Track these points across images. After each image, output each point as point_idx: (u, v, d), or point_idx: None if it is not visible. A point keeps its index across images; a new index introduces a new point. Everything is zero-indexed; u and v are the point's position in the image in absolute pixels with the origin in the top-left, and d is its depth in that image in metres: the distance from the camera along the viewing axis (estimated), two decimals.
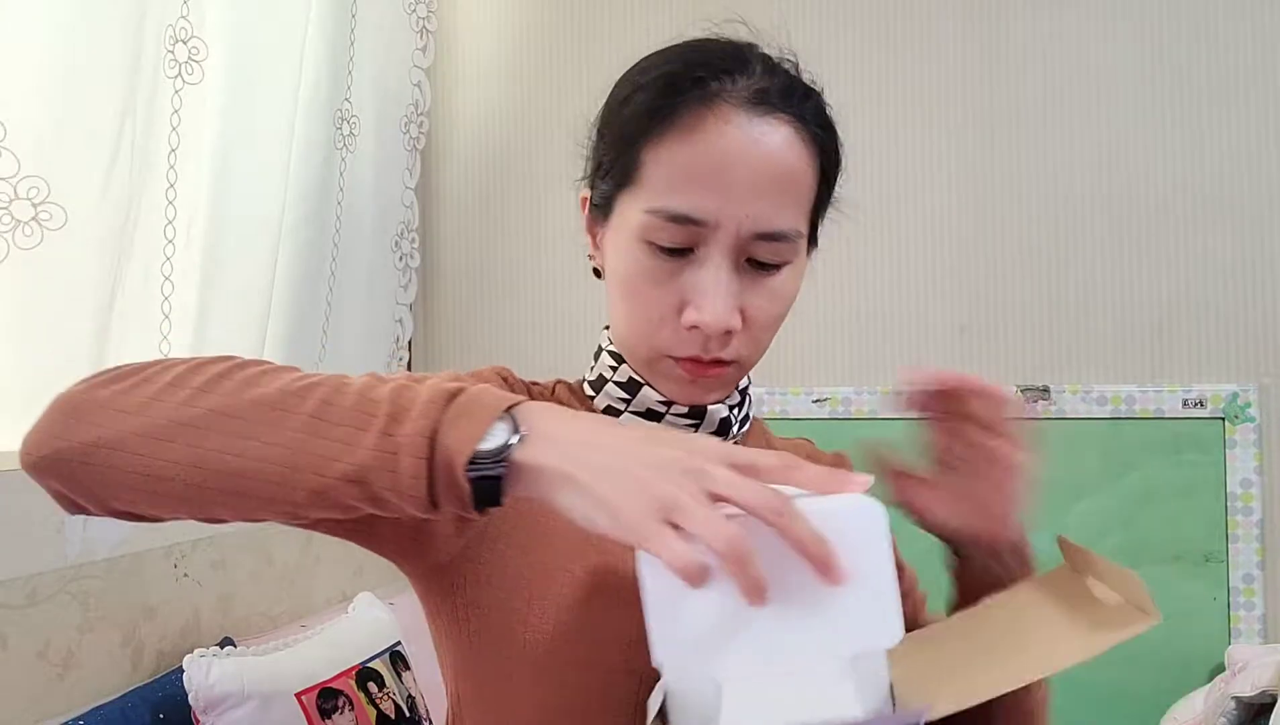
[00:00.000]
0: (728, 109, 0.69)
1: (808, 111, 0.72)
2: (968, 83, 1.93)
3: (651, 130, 0.70)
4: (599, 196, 0.76)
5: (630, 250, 0.71)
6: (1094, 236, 1.88)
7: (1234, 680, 1.56)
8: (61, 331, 1.20)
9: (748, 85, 0.70)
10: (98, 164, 1.22)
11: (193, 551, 1.35)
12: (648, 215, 0.69)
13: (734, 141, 0.68)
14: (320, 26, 1.68)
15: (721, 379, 0.74)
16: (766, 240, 0.70)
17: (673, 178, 0.69)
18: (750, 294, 0.71)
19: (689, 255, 0.70)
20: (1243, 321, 1.81)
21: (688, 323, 0.70)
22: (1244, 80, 1.82)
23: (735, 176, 0.68)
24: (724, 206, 0.68)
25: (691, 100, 0.69)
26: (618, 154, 0.72)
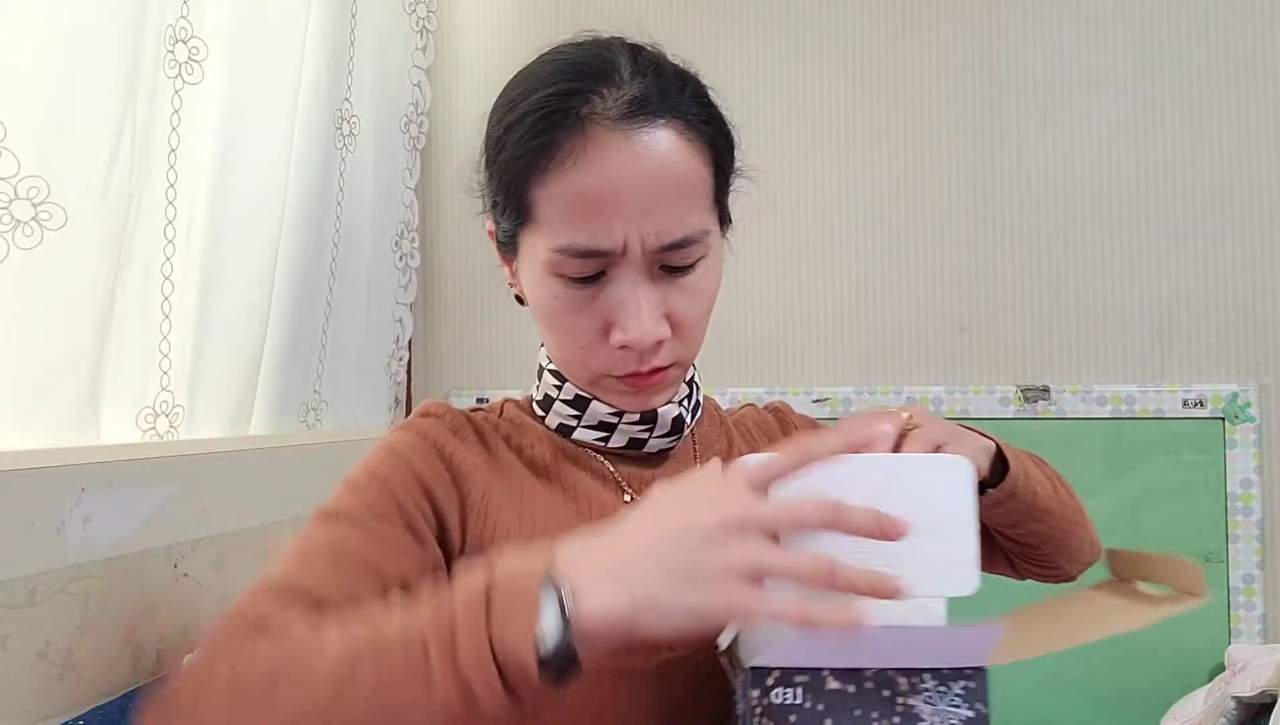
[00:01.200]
0: (603, 132, 0.67)
1: (685, 105, 0.71)
2: (967, 82, 1.93)
3: (534, 168, 0.69)
4: (502, 233, 0.76)
5: (544, 284, 0.71)
6: (1094, 236, 1.88)
7: (1234, 680, 1.56)
8: (61, 331, 1.20)
9: (619, 97, 0.68)
10: (98, 164, 1.22)
11: (193, 551, 1.35)
12: (553, 253, 0.69)
13: (617, 164, 0.67)
14: (320, 26, 1.68)
15: (665, 382, 0.74)
16: (674, 249, 0.69)
17: (566, 214, 0.68)
18: (672, 298, 0.71)
19: (602, 278, 0.70)
20: (1243, 321, 1.81)
21: (616, 343, 0.70)
22: (1244, 80, 1.81)
23: (626, 199, 0.67)
24: (624, 229, 0.67)
25: (567, 130, 0.67)
26: (509, 193, 0.72)
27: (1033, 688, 1.82)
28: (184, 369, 1.41)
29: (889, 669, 0.56)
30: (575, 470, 0.78)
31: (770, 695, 0.56)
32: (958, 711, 0.56)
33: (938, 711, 0.56)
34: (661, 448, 0.80)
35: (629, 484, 0.78)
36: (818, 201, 1.97)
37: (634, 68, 0.71)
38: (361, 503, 0.70)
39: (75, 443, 1.22)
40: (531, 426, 0.81)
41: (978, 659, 0.57)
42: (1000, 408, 1.89)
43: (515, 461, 0.78)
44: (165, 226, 1.38)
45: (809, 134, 1.99)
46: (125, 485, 1.22)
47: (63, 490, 1.13)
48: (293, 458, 1.61)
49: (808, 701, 0.56)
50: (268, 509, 1.52)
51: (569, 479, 0.78)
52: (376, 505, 0.70)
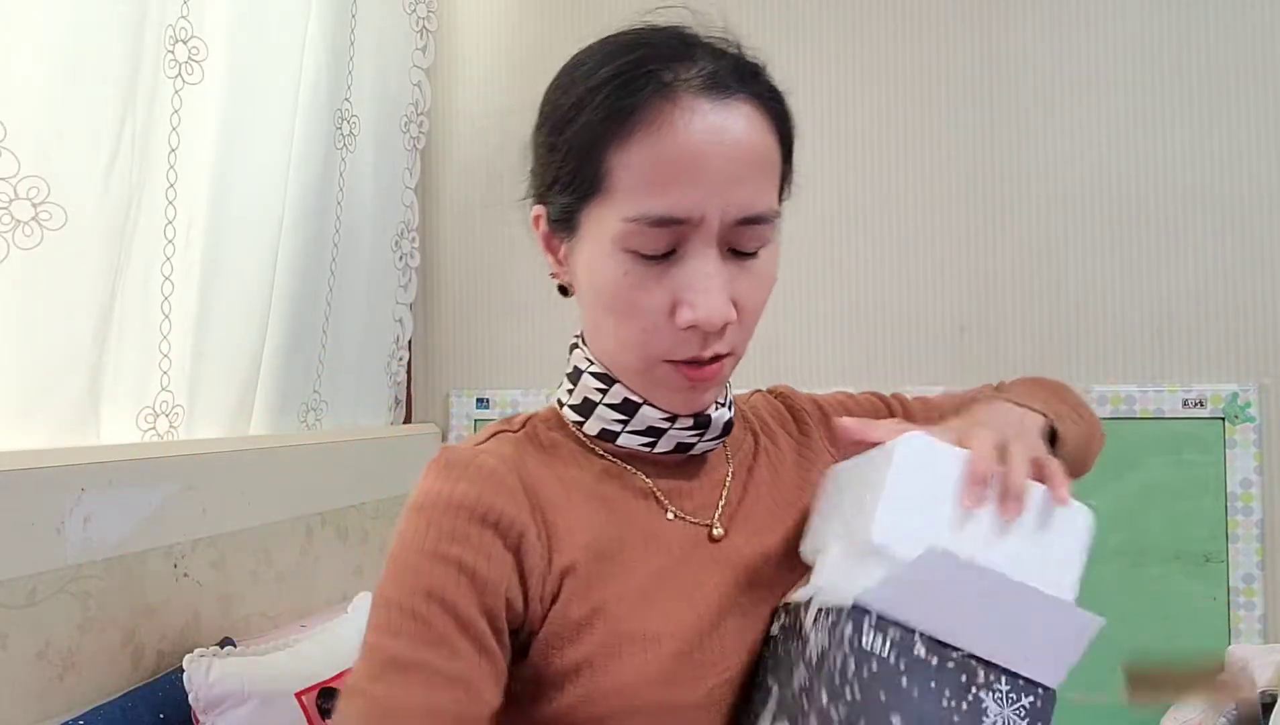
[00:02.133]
0: (688, 98, 0.66)
1: (762, 88, 0.71)
2: (968, 83, 1.93)
3: (614, 134, 0.67)
4: (558, 211, 0.73)
5: (611, 261, 0.68)
6: (1094, 236, 1.88)
7: None
8: (61, 331, 1.20)
9: (699, 71, 0.67)
10: (98, 164, 1.22)
11: (193, 551, 1.35)
12: (627, 223, 0.66)
13: (702, 131, 0.66)
14: (320, 26, 1.68)
15: (719, 376, 0.72)
16: (749, 225, 0.68)
17: (647, 180, 0.66)
18: (738, 282, 0.69)
19: (672, 256, 0.67)
20: (1243, 321, 1.81)
21: (684, 323, 0.67)
22: (1244, 80, 1.81)
23: (711, 166, 0.66)
24: (705, 199, 0.66)
25: (650, 96, 0.66)
26: (578, 164, 0.69)
27: None
28: (184, 369, 1.42)
29: (976, 656, 0.58)
30: (616, 488, 0.75)
31: (862, 636, 0.57)
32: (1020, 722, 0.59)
33: (1003, 715, 0.58)
34: (705, 450, 0.77)
35: (670, 499, 0.75)
36: (818, 202, 1.97)
37: (709, 47, 0.71)
38: (426, 640, 0.64)
39: (75, 443, 1.22)
40: (566, 446, 0.77)
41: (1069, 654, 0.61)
42: None
43: (559, 488, 0.74)
44: (165, 226, 1.38)
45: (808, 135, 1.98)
46: (125, 485, 1.22)
47: (63, 490, 1.13)
48: (292, 458, 1.61)
49: (893, 656, 0.57)
50: (268, 509, 1.52)
51: (611, 498, 0.74)
52: (446, 638, 0.64)
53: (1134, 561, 1.82)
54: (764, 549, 0.74)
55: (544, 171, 0.74)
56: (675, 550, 0.73)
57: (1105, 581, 1.83)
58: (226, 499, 1.42)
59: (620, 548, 0.72)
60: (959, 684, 0.57)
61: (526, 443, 0.76)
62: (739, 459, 0.80)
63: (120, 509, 1.21)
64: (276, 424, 1.65)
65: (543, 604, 0.69)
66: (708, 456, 0.79)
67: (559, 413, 0.79)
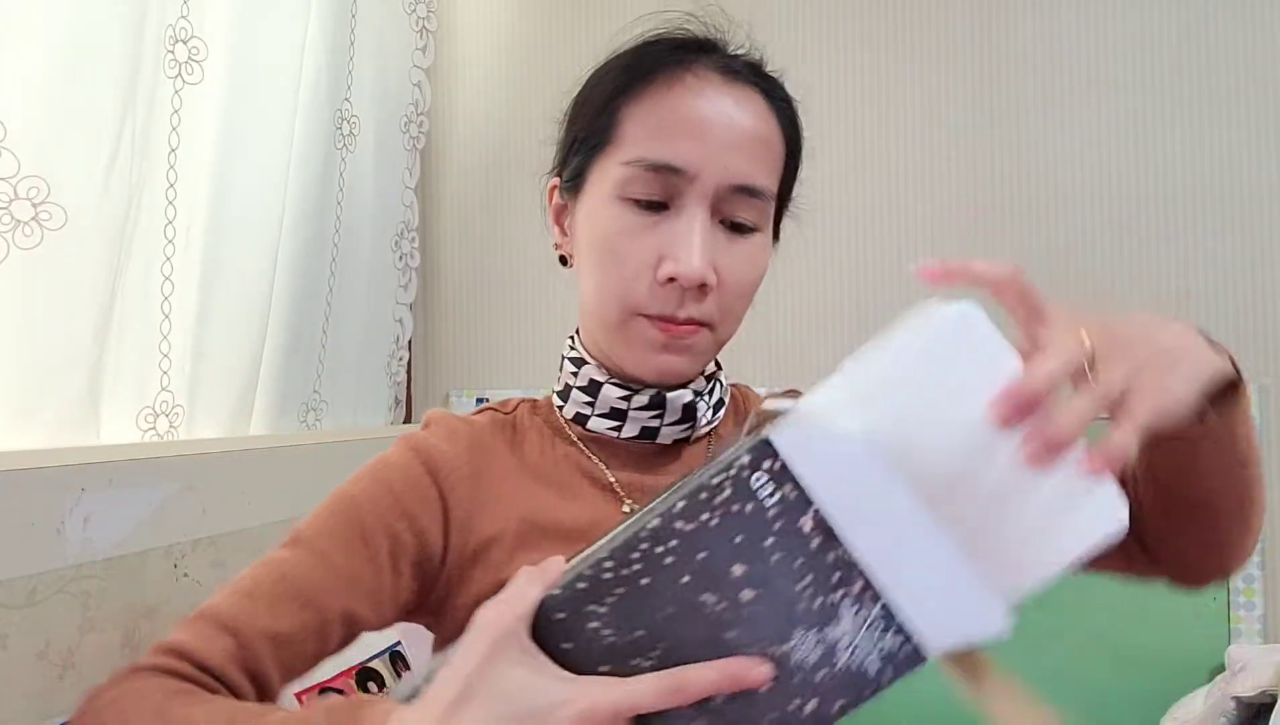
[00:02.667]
0: (704, 70, 0.71)
1: (774, 89, 0.75)
2: (968, 82, 1.93)
3: (629, 88, 0.72)
4: (571, 173, 0.77)
5: (607, 209, 0.72)
6: (1094, 237, 1.88)
7: (1234, 680, 1.56)
8: (61, 331, 1.20)
9: (719, 59, 0.73)
10: (98, 164, 1.22)
11: (193, 551, 1.35)
12: (626, 167, 0.70)
13: (710, 98, 0.70)
14: (320, 26, 1.68)
15: (693, 344, 0.73)
16: (743, 194, 0.70)
17: (652, 129, 0.70)
18: (724, 254, 0.71)
19: (665, 211, 0.70)
20: (1243, 321, 1.81)
21: (664, 275, 0.69)
22: (1244, 79, 1.81)
23: (714, 128, 0.69)
24: (704, 156, 0.69)
25: (668, 61, 0.71)
26: (593, 120, 0.74)
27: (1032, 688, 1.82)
28: (184, 369, 1.42)
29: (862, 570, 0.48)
30: (575, 476, 0.77)
31: (754, 474, 0.48)
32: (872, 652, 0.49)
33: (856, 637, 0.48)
34: (675, 438, 0.78)
35: (628, 493, 0.77)
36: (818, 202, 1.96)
37: (729, 49, 0.76)
38: (326, 529, 0.70)
39: (75, 442, 1.22)
40: (537, 429, 0.80)
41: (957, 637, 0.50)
42: None
43: (513, 464, 0.77)
44: (165, 226, 1.38)
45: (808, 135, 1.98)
46: (125, 485, 1.22)
47: (63, 490, 1.13)
48: (292, 458, 1.61)
49: (773, 512, 0.48)
50: (267, 509, 1.52)
51: (567, 485, 0.77)
52: (340, 532, 0.70)
53: None
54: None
55: (564, 140, 0.78)
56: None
57: (1104, 582, 1.83)
58: (226, 499, 1.42)
59: (558, 527, 0.74)
60: (826, 580, 0.48)
61: (506, 424, 0.80)
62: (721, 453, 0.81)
63: (120, 509, 1.21)
64: (276, 424, 1.65)
65: (461, 557, 0.72)
66: (682, 451, 0.79)
67: (550, 400, 0.82)
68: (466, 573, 0.72)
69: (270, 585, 0.67)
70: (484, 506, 0.74)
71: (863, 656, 0.49)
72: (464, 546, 0.73)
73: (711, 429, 0.81)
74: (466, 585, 0.72)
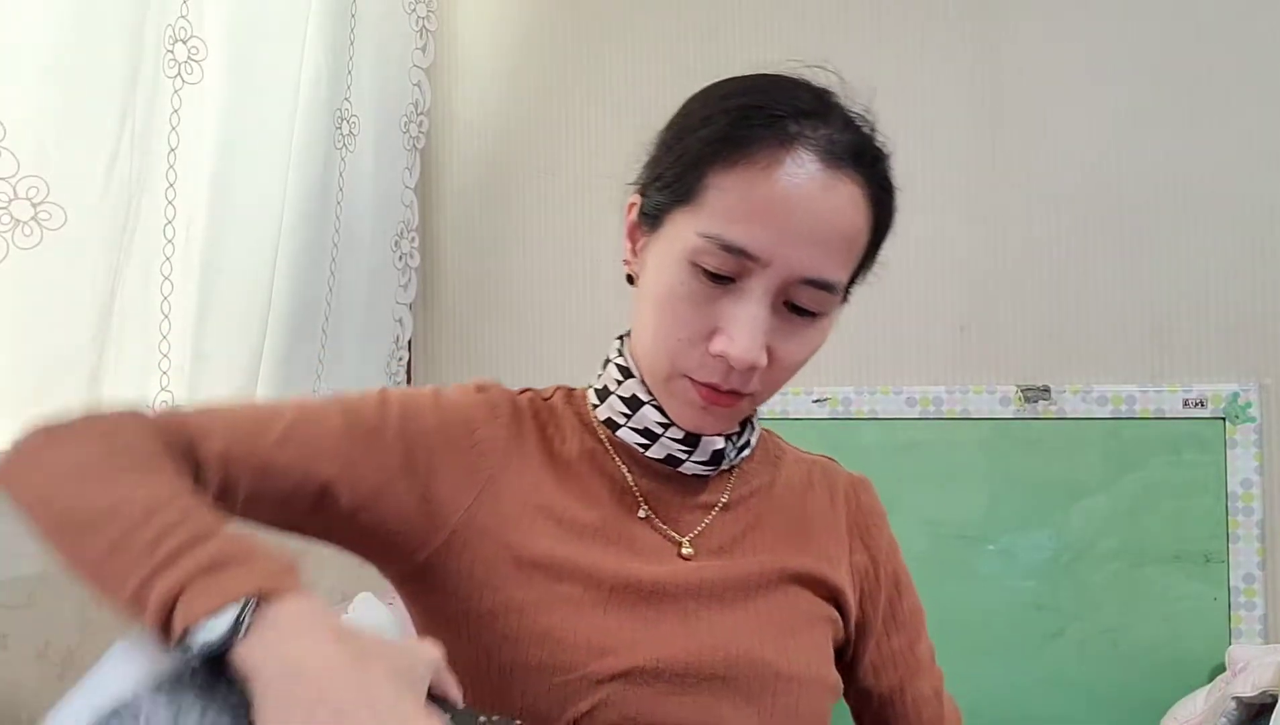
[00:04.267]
0: (804, 154, 0.68)
1: (876, 175, 0.73)
2: (968, 82, 1.93)
3: (722, 155, 0.69)
4: (650, 206, 0.75)
5: (675, 268, 0.71)
6: (1094, 236, 1.87)
7: (1234, 680, 1.56)
8: (61, 331, 1.20)
9: (826, 135, 0.70)
10: (97, 164, 1.22)
11: None
12: (701, 238, 0.69)
13: (803, 186, 0.68)
14: (320, 26, 1.68)
15: (732, 412, 0.74)
16: (812, 287, 0.70)
17: (735, 207, 0.69)
18: (780, 335, 0.71)
19: (731, 284, 0.70)
20: (1243, 321, 1.81)
21: (715, 351, 0.70)
22: (1244, 79, 1.81)
23: (798, 220, 0.68)
24: (780, 247, 0.68)
25: (770, 137, 0.68)
26: (682, 171, 0.72)
27: (1033, 688, 1.82)
28: (183, 369, 1.42)
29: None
30: (595, 475, 0.78)
31: None
32: None
33: None
34: (696, 473, 0.79)
35: (647, 500, 0.78)
36: None
37: (845, 119, 0.73)
38: (367, 409, 0.73)
39: None
40: (570, 421, 0.81)
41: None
42: (1000, 408, 1.89)
43: (539, 452, 0.78)
44: (165, 226, 1.38)
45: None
46: None
47: None
48: None
49: None
50: None
51: (587, 482, 0.78)
52: (375, 419, 0.73)
53: (1134, 562, 1.82)
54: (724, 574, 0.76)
55: (653, 166, 0.77)
56: (635, 545, 0.75)
57: (1105, 582, 1.83)
58: None
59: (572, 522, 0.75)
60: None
61: (543, 409, 0.82)
62: (740, 492, 0.81)
63: None
64: None
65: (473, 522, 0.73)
66: (707, 483, 0.81)
67: (585, 394, 0.83)
68: (472, 541, 0.73)
69: (287, 427, 0.70)
70: (508, 483, 0.75)
71: None
72: (480, 513, 0.74)
73: (734, 465, 0.82)
74: (467, 553, 0.73)
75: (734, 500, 0.80)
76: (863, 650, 0.83)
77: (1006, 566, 1.86)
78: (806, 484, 0.85)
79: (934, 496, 1.90)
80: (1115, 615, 1.82)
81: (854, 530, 0.85)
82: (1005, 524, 1.87)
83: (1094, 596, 1.83)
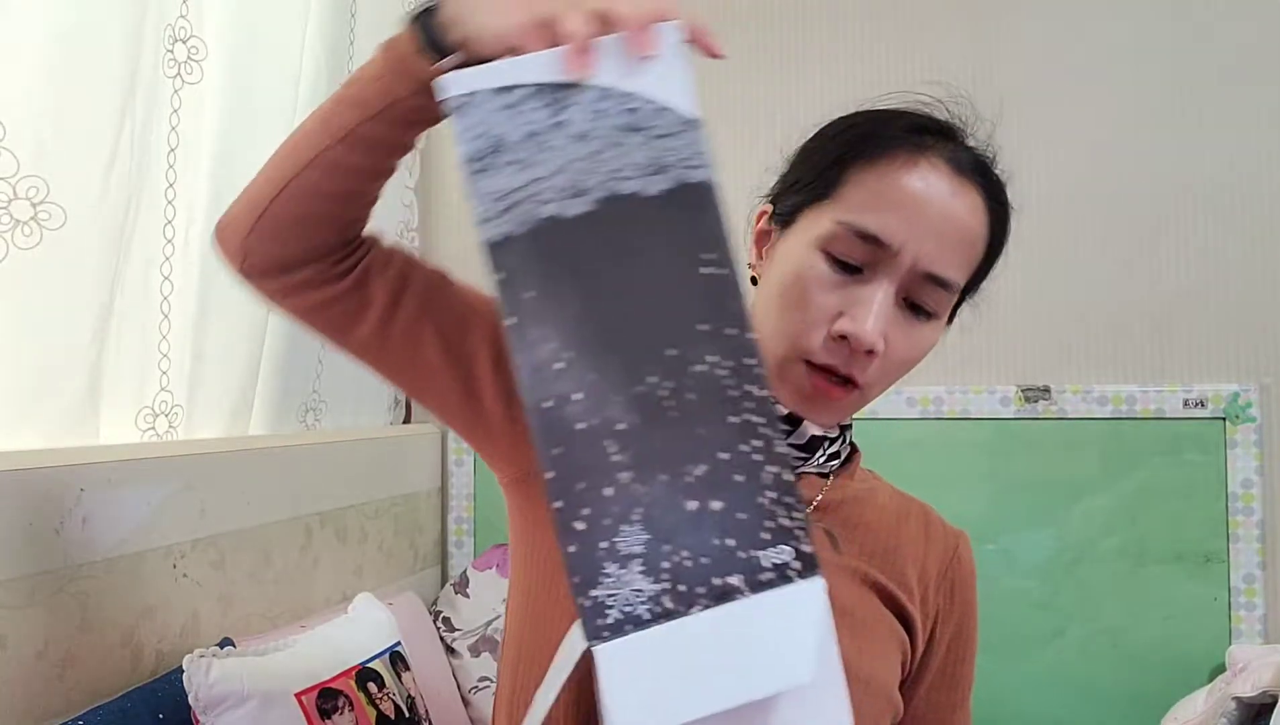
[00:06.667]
0: (937, 159, 0.76)
1: (995, 192, 0.79)
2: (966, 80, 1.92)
3: (864, 154, 0.76)
4: (784, 208, 0.80)
5: (806, 254, 0.75)
6: (1094, 236, 1.87)
7: (1235, 680, 1.56)
8: (61, 331, 1.20)
9: (953, 149, 0.78)
10: (97, 164, 1.22)
11: (192, 551, 1.35)
12: (837, 225, 0.74)
13: (936, 186, 0.74)
14: (320, 27, 1.68)
15: (840, 404, 0.77)
16: (933, 282, 0.75)
17: (872, 199, 0.74)
18: (897, 329, 0.75)
19: (859, 274, 0.74)
20: (1243, 321, 1.81)
21: (839, 331, 0.73)
22: (1244, 79, 1.81)
23: (929, 214, 0.73)
24: (910, 237, 0.73)
25: (906, 140, 0.76)
26: (820, 170, 0.78)
27: (1033, 687, 1.82)
28: (183, 369, 1.41)
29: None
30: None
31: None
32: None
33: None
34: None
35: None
36: None
37: (969, 144, 0.81)
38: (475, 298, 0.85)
39: (74, 443, 1.22)
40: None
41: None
42: (1001, 408, 1.89)
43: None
44: (165, 226, 1.38)
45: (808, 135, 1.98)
46: (124, 485, 1.22)
47: (62, 490, 1.13)
48: (292, 458, 1.61)
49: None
50: (267, 509, 1.52)
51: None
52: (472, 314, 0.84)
53: (1134, 562, 1.82)
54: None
55: (790, 173, 0.82)
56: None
57: (1105, 582, 1.83)
58: (226, 499, 1.42)
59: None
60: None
61: None
62: (832, 497, 0.82)
63: (119, 509, 1.21)
64: (276, 424, 1.65)
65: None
66: (802, 481, 0.81)
67: None
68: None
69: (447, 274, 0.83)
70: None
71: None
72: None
73: (825, 472, 0.83)
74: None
75: (826, 503, 0.81)
76: (912, 694, 0.83)
77: (1007, 566, 1.86)
78: (902, 515, 0.86)
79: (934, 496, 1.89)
80: (1116, 615, 1.82)
81: (946, 575, 0.85)
82: (1006, 524, 1.87)
83: (1094, 596, 1.83)
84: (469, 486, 2.15)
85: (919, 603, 0.82)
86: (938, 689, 0.84)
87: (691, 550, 0.49)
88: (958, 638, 0.85)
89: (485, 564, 2.01)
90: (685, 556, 0.49)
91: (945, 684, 0.84)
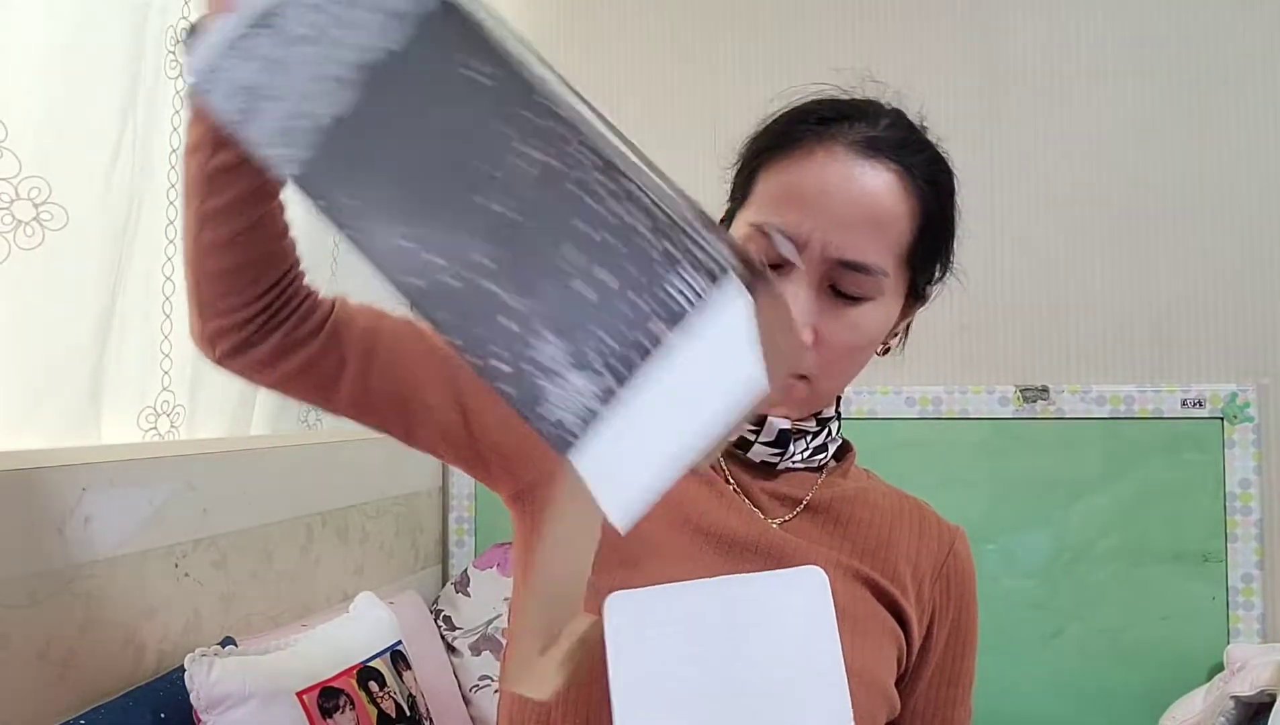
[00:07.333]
0: (838, 147, 0.75)
1: (917, 163, 0.77)
2: (967, 80, 1.93)
3: (769, 154, 0.77)
4: (726, 217, 0.82)
5: None
6: (1094, 236, 1.88)
7: (1233, 680, 1.56)
8: (61, 331, 1.20)
9: (864, 131, 0.76)
10: (99, 164, 1.22)
11: (193, 551, 1.36)
12: (750, 228, 0.76)
13: (832, 173, 0.74)
14: None
15: (793, 397, 0.77)
16: (849, 269, 0.74)
17: (775, 196, 0.75)
18: (827, 317, 0.75)
19: (780, 270, 0.75)
20: (1242, 321, 1.81)
21: None
22: (1244, 80, 1.82)
23: (829, 203, 0.73)
24: (813, 228, 0.73)
25: (809, 134, 0.76)
26: (743, 178, 0.80)
27: (1031, 687, 1.83)
28: (185, 369, 1.42)
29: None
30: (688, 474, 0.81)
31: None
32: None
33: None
34: (764, 459, 0.82)
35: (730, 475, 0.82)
36: None
37: (890, 120, 0.79)
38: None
39: (76, 442, 1.22)
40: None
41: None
42: (1000, 408, 1.89)
43: None
44: (166, 226, 1.38)
45: None
46: (126, 485, 1.22)
47: (64, 490, 1.13)
48: (293, 458, 1.61)
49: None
50: (268, 509, 1.52)
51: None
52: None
53: (1133, 561, 1.83)
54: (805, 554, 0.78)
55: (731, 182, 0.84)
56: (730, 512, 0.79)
57: (1104, 581, 1.83)
58: (227, 499, 1.42)
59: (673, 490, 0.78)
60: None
61: None
62: (824, 496, 0.83)
63: (121, 509, 1.21)
64: (277, 424, 1.66)
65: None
66: (787, 474, 0.83)
67: None
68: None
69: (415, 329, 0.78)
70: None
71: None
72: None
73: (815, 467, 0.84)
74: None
75: (817, 500, 0.82)
76: (912, 690, 0.83)
77: (1006, 566, 1.86)
78: (897, 512, 0.86)
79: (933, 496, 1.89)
80: (1114, 615, 1.82)
81: (942, 570, 0.85)
82: (1005, 524, 1.87)
83: (1093, 596, 1.83)
84: (469, 486, 2.15)
85: (914, 598, 0.82)
86: (937, 684, 0.84)
87: (606, 327, 0.49)
88: (956, 633, 0.85)
89: (486, 563, 2.02)
90: (603, 335, 0.49)
91: (945, 679, 0.85)
